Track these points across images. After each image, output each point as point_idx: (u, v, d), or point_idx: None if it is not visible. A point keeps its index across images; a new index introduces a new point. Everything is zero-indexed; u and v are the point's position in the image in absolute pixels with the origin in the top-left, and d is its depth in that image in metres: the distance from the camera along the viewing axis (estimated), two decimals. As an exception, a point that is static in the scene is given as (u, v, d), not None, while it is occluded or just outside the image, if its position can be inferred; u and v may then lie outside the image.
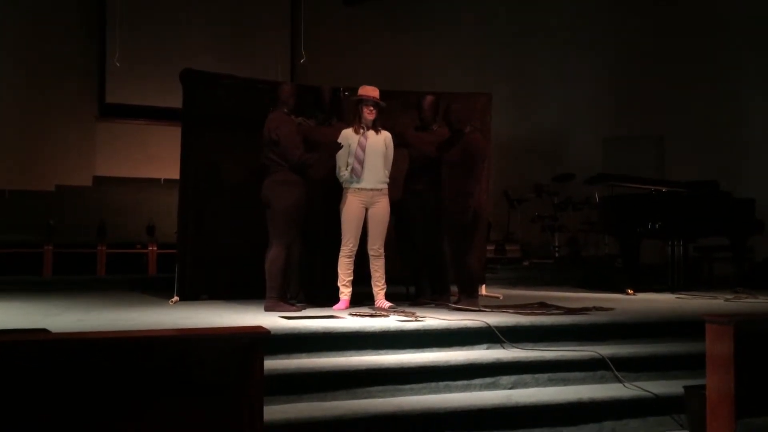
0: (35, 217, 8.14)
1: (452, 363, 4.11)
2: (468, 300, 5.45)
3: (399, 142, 5.77)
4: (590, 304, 5.45)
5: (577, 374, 4.29)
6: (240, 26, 11.01)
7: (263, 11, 11.33)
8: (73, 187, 9.41)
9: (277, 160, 5.29)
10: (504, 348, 4.39)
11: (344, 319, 4.64)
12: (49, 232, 7.97)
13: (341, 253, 5.45)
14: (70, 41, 10.34)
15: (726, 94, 9.96)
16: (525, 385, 4.18)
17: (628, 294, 6.88)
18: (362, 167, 5.41)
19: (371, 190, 5.45)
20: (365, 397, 3.86)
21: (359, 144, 5.44)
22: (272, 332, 3.26)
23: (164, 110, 9.77)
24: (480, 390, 4.08)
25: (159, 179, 9.79)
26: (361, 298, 5.58)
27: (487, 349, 4.41)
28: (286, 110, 5.40)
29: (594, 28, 10.80)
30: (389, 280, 5.54)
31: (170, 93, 7.29)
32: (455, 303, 5.51)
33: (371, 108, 5.47)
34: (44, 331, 3.28)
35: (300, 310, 5.16)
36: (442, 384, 4.03)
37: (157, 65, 10.14)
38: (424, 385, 4.00)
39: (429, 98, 5.88)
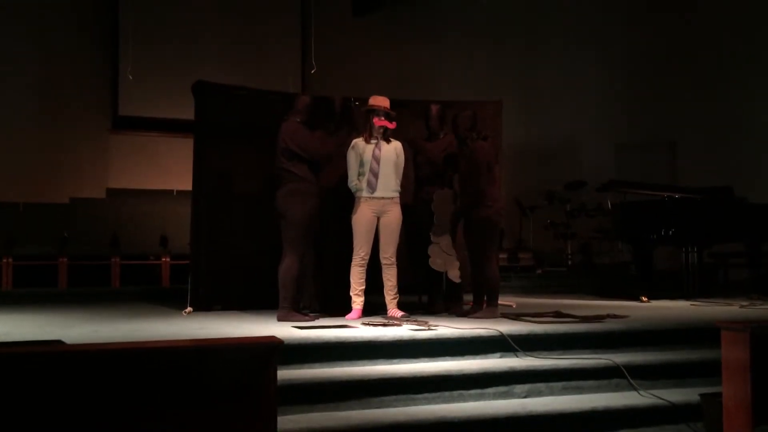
0: (49, 230, 8.22)
1: (466, 372, 4.10)
2: (489, 309, 5.43)
3: (409, 150, 5.79)
4: (604, 312, 5.42)
5: (592, 382, 4.26)
6: (251, 38, 11.08)
7: (274, 23, 11.40)
8: (87, 199, 9.49)
9: (291, 169, 5.31)
10: (517, 356, 4.37)
11: (357, 329, 4.64)
12: (64, 244, 8.04)
13: (353, 262, 5.46)
14: (83, 54, 10.44)
15: (738, 99, 9.90)
16: (539, 393, 4.16)
17: (642, 301, 6.84)
18: (377, 179, 5.43)
19: (383, 198, 5.46)
20: (379, 407, 3.85)
21: (374, 156, 5.46)
22: (285, 342, 3.27)
23: (177, 122, 9.83)
24: (494, 399, 4.06)
25: (172, 191, 9.85)
26: (374, 308, 5.58)
27: (501, 357, 4.39)
28: (298, 120, 5.44)
29: (605, 35, 10.79)
30: (402, 289, 5.54)
31: (183, 105, 7.35)
32: (472, 312, 5.50)
33: (382, 118, 5.49)
34: (59, 342, 3.30)
35: (313, 320, 5.17)
36: (455, 393, 4.02)
37: (169, 78, 10.21)
38: (438, 394, 3.99)
39: (435, 107, 5.92)
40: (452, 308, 5.75)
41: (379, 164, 5.45)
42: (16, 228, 8.25)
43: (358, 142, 5.54)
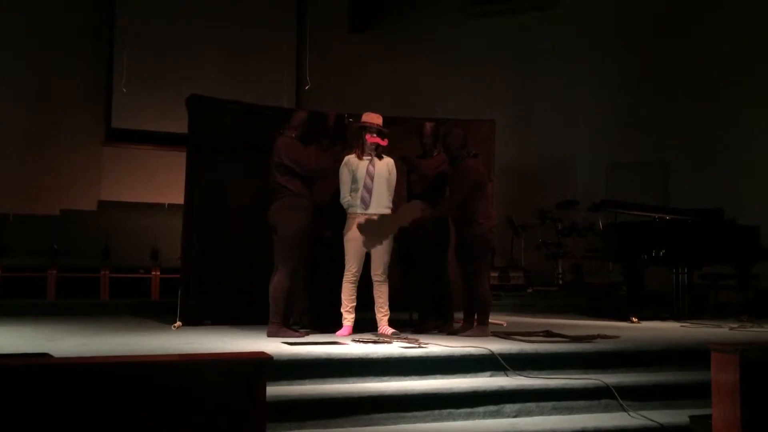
0: (40, 241, 8.17)
1: (455, 390, 4.09)
2: (479, 327, 5.42)
3: (403, 166, 5.81)
4: (594, 332, 5.43)
5: (582, 403, 4.26)
6: (246, 52, 11.12)
7: (269, 38, 11.44)
8: (78, 211, 9.44)
9: (284, 184, 5.31)
10: (508, 376, 4.36)
11: (347, 345, 4.63)
12: (54, 256, 8.00)
13: (344, 279, 5.44)
14: (76, 66, 10.45)
15: (730, 121, 9.98)
16: (529, 413, 4.15)
17: (632, 322, 6.85)
18: (371, 196, 5.43)
19: (373, 215, 5.45)
20: (368, 425, 3.83)
21: (368, 172, 5.46)
22: (275, 358, 3.25)
23: (170, 135, 9.83)
24: (483, 418, 4.05)
25: (163, 204, 9.82)
26: (364, 324, 5.56)
27: (491, 376, 4.38)
28: (293, 135, 5.44)
29: (599, 56, 10.87)
30: (392, 306, 5.53)
31: (176, 118, 7.35)
32: (463, 330, 5.49)
33: (374, 135, 5.50)
34: (47, 355, 3.27)
35: (303, 336, 5.15)
36: (445, 412, 4.01)
37: (163, 91, 10.22)
38: (427, 412, 3.97)
39: (429, 125, 5.93)
40: (443, 326, 5.74)
41: (372, 181, 5.46)
42: (6, 239, 8.20)
43: (351, 158, 5.55)
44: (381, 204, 5.48)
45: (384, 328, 5.39)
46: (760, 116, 9.83)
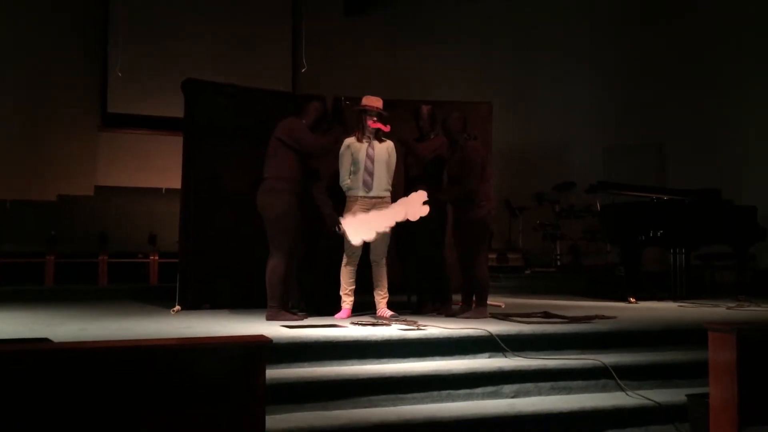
0: (37, 227, 8.18)
1: (454, 372, 4.10)
2: (478, 309, 5.43)
3: (401, 150, 5.80)
4: (592, 313, 5.45)
5: (580, 383, 4.28)
6: (242, 36, 11.06)
7: (265, 21, 11.38)
8: (75, 196, 9.44)
9: (270, 165, 5.27)
10: (506, 357, 4.38)
11: (346, 328, 4.64)
12: (51, 241, 8.00)
13: (343, 262, 5.45)
14: (72, 51, 10.40)
15: (726, 102, 9.96)
16: (527, 393, 4.17)
17: (630, 302, 6.87)
18: (372, 179, 5.42)
19: (374, 198, 5.45)
20: (367, 406, 3.85)
21: (368, 155, 5.45)
22: (274, 341, 3.26)
23: (166, 120, 9.81)
24: (482, 399, 4.07)
25: (161, 189, 9.81)
26: (363, 307, 5.58)
27: (490, 357, 4.40)
28: (304, 121, 5.41)
29: (594, 39, 10.83)
30: (391, 289, 5.54)
31: (172, 103, 7.33)
32: (461, 312, 5.51)
33: (374, 118, 5.48)
34: (46, 340, 3.28)
35: (301, 319, 5.16)
36: (444, 393, 4.02)
37: (159, 75, 10.18)
38: (426, 394, 3.99)
39: (425, 108, 5.92)
40: (441, 308, 5.76)
41: (373, 163, 5.44)
42: (3, 225, 8.21)
43: (352, 141, 5.53)
44: (381, 187, 5.47)
45: (383, 310, 5.40)
46: (756, 98, 9.81)
